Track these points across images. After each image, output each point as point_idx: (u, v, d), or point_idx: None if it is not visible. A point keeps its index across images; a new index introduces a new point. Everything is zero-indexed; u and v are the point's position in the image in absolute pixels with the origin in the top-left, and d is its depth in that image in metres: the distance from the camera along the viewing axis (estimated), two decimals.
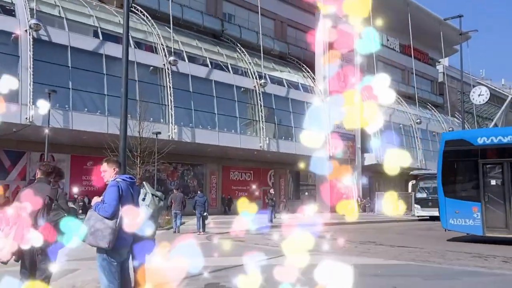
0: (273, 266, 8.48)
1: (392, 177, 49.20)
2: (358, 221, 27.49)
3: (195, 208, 17.94)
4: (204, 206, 17.80)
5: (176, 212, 17.86)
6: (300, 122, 37.50)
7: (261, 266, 8.46)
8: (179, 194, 18.62)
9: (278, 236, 16.72)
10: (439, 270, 8.14)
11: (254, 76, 34.04)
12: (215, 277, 7.73)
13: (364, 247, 13.17)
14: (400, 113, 47.38)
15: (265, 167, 39.62)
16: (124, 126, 10.28)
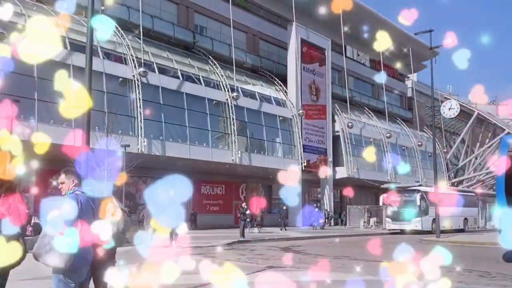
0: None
1: (363, 190, 49.66)
2: (330, 235, 27.27)
3: None
4: None
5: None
6: (273, 135, 37.38)
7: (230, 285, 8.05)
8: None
9: (249, 251, 16.34)
10: None
11: (226, 89, 33.73)
12: None
13: (339, 262, 12.89)
14: (371, 127, 47.77)
15: (237, 181, 39.17)
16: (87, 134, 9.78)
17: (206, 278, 8.39)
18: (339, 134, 43.29)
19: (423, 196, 32.23)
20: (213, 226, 32.38)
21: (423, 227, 31.47)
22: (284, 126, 38.25)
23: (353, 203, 45.90)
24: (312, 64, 41.60)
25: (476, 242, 20.81)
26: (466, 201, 38.71)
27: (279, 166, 36.78)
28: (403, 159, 50.90)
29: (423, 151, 54.11)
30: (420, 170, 52.34)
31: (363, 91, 52.61)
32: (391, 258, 13.42)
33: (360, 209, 42.00)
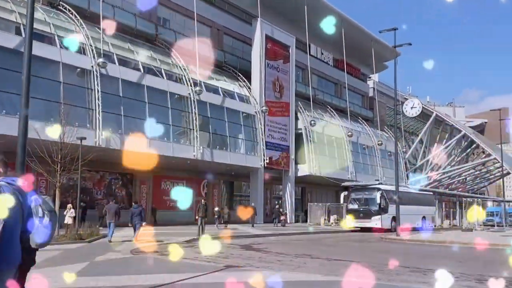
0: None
1: (324, 187, 49.97)
2: (291, 232, 27.12)
3: (132, 218, 18.25)
4: (140, 216, 18.22)
5: (110, 222, 17.99)
6: (236, 131, 36.97)
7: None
8: (113, 205, 19.00)
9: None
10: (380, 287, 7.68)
11: (189, 83, 33.08)
12: None
13: (301, 260, 12.62)
14: (333, 125, 48.03)
15: (198, 177, 38.60)
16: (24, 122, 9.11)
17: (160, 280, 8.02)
18: (301, 131, 43.30)
19: (383, 195, 32.55)
20: (173, 223, 31.77)
21: (382, 225, 31.78)
22: (247, 123, 37.91)
23: (314, 201, 46.11)
24: (276, 61, 41.41)
25: (436, 241, 21.03)
26: (424, 200, 39.50)
27: (242, 163, 36.56)
28: (364, 158, 51.51)
29: (383, 150, 54.93)
30: (379, 168, 53.10)
31: (326, 90, 52.88)
32: (354, 257, 13.31)
33: (321, 206, 42.14)
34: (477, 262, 13.51)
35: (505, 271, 10.47)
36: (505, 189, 59.63)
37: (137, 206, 19.19)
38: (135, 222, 18.15)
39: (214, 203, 39.95)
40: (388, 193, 32.90)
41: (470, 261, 13.49)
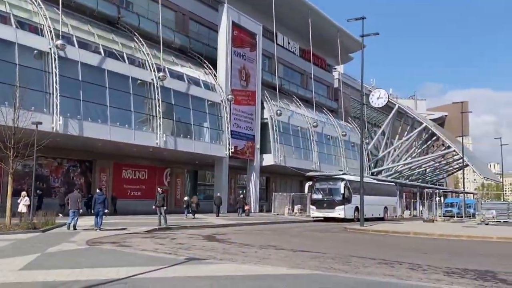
0: (154, 283, 7.17)
1: (288, 177, 49.92)
2: (255, 222, 26.79)
3: (94, 206, 18.24)
4: (103, 204, 18.27)
5: (74, 211, 17.96)
6: (200, 119, 36.26)
7: (135, 283, 7.10)
8: (76, 194, 18.96)
9: (169, 240, 15.35)
10: (351, 283, 7.32)
11: (152, 69, 32.09)
12: None
13: (265, 252, 12.22)
14: (298, 115, 47.91)
15: (161, 166, 37.77)
16: None
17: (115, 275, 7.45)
18: (267, 121, 42.94)
19: (347, 185, 32.63)
20: (134, 212, 30.96)
21: (346, 215, 31.89)
22: (212, 111, 37.23)
23: (279, 190, 45.98)
24: (243, 49, 40.78)
25: (400, 232, 21.08)
26: (386, 191, 39.93)
27: (206, 152, 35.92)
28: (328, 148, 51.71)
29: (346, 141, 55.30)
30: (343, 159, 53.46)
31: (292, 80, 52.64)
32: (319, 248, 13.02)
33: (285, 196, 42.02)
34: (442, 253, 13.46)
35: (471, 263, 10.37)
36: (464, 181, 60.99)
37: (101, 194, 19.03)
38: (98, 209, 18.02)
39: (177, 192, 39.30)
40: (352, 183, 33.01)
41: (435, 253, 13.42)
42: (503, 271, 9.54)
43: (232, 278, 7.42)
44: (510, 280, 8.50)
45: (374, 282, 7.38)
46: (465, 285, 7.93)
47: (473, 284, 8.08)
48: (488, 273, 9.27)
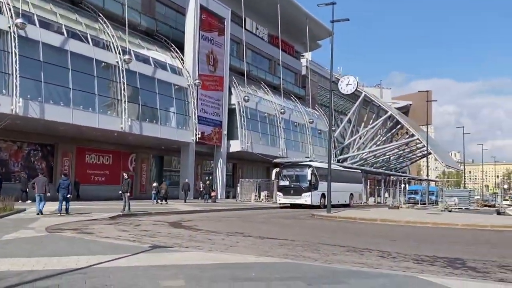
0: (115, 273, 6.80)
1: (255, 164, 49.78)
2: (222, 209, 26.52)
3: (59, 190, 18.19)
4: (67, 189, 18.25)
5: (40, 195, 17.88)
6: (167, 104, 35.56)
7: (95, 273, 6.72)
8: (42, 178, 18.74)
9: (133, 227, 14.92)
10: (320, 271, 7.13)
11: (118, 51, 31.17)
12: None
13: (232, 239, 11.95)
14: (266, 102, 47.68)
15: (126, 151, 36.96)
16: None
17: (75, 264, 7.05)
18: (235, 107, 42.54)
19: (314, 172, 32.67)
20: (98, 198, 30.20)
21: (312, 201, 31.98)
22: (179, 96, 36.55)
23: (245, 177, 45.79)
24: (211, 33, 40.10)
25: (367, 218, 21.18)
26: (352, 178, 40.28)
27: (172, 137, 35.32)
28: (295, 135, 51.76)
29: (313, 128, 55.46)
30: (310, 146, 53.66)
31: (260, 66, 52.26)
32: (287, 235, 12.85)
33: (252, 182, 41.87)
34: (410, 241, 13.51)
35: (440, 250, 10.39)
36: (428, 169, 62.28)
37: (66, 179, 18.99)
38: (63, 194, 18.03)
39: (143, 178, 38.61)
40: (319, 170, 33.07)
41: (404, 240, 13.45)
42: (471, 258, 9.57)
43: (199, 267, 7.12)
44: (479, 268, 8.50)
45: (345, 270, 7.20)
46: (436, 273, 7.86)
47: (443, 272, 8.03)
48: (457, 261, 9.27)
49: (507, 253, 10.38)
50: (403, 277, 6.93)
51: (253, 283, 6.12)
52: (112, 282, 6.00)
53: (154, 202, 28.77)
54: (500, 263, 9.14)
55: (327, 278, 6.59)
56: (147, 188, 38.52)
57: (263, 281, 6.27)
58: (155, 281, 6.12)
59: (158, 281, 6.11)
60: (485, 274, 7.93)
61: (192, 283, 6.01)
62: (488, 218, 24.02)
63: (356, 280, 6.46)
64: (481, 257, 9.83)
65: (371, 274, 7.07)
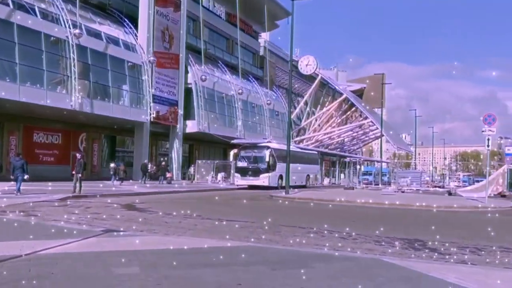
0: (63, 260, 6.27)
1: (212, 145, 49.21)
2: (178, 190, 25.94)
3: (13, 171, 18.17)
4: (22, 169, 18.15)
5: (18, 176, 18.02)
6: (120, 81, 34.35)
7: (41, 260, 6.16)
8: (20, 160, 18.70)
9: (84, 209, 14.22)
10: (284, 254, 6.82)
11: (68, 25, 29.71)
12: None
13: (190, 222, 11.49)
14: (224, 82, 46.97)
15: (76, 130, 35.59)
16: None
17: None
18: (191, 86, 41.65)
19: (272, 153, 32.50)
20: (47, 178, 28.88)
21: (270, 182, 31.87)
22: (133, 73, 35.37)
23: (202, 158, 45.19)
24: (166, 8, 38.82)
25: (325, 199, 21.14)
26: (309, 159, 40.42)
27: (125, 116, 34.23)
28: (253, 116, 51.40)
29: (271, 110, 55.24)
30: (267, 127, 53.46)
31: (218, 45, 51.25)
32: (247, 217, 12.50)
33: (209, 164, 41.34)
34: (369, 221, 13.48)
35: (398, 231, 10.32)
36: (382, 150, 63.56)
37: (19, 159, 18.85)
38: (17, 175, 17.95)
39: (94, 159, 37.39)
40: (277, 151, 32.93)
41: (362, 221, 13.40)
42: (431, 239, 9.53)
43: (155, 253, 6.65)
44: (440, 249, 8.44)
45: (309, 254, 6.93)
46: (398, 255, 7.73)
47: (405, 254, 7.91)
48: (417, 242, 9.20)
49: (464, 233, 10.46)
50: (368, 260, 6.73)
51: (213, 269, 5.72)
52: (59, 270, 5.47)
53: (113, 183, 28.11)
54: (460, 244, 9.14)
55: (291, 262, 6.29)
56: (98, 168, 37.38)
57: (225, 266, 5.89)
58: (107, 268, 5.63)
59: (111, 269, 5.62)
60: (446, 255, 7.87)
61: (147, 270, 5.56)
62: (441, 199, 24.58)
63: (321, 264, 6.19)
64: (440, 238, 9.81)
65: (335, 257, 6.82)
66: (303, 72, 42.45)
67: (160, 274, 5.37)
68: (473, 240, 9.54)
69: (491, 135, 19.77)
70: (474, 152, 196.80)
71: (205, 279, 5.21)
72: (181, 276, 5.35)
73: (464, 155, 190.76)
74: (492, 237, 10.27)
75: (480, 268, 6.47)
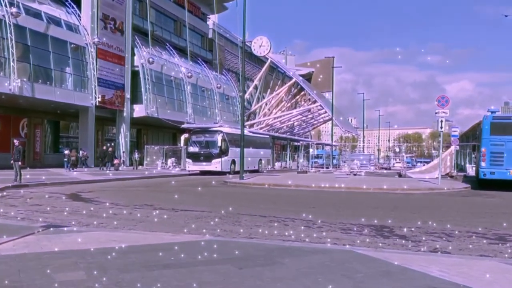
0: None
1: (161, 130, 47.84)
2: (127, 177, 24.81)
3: None
4: None
5: None
6: (62, 64, 32.50)
7: None
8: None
9: (23, 200, 13.09)
10: (249, 249, 6.16)
11: (4, 3, 27.66)
12: None
13: (141, 213, 10.65)
14: (172, 65, 45.57)
15: (16, 115, 33.47)
16: None
17: None
18: (138, 69, 40.10)
19: (224, 137, 31.81)
20: None
21: (222, 168, 31.23)
22: (76, 55, 33.59)
23: (151, 143, 43.86)
24: None
25: (281, 184, 20.70)
26: (261, 143, 39.99)
27: (69, 100, 32.52)
28: (202, 100, 50.32)
29: (221, 94, 54.30)
30: (218, 111, 52.56)
31: (165, 26, 49.59)
32: (202, 205, 11.80)
33: (158, 149, 40.11)
34: (330, 207, 13.09)
35: (362, 217, 9.95)
36: (332, 134, 64.05)
37: None
38: None
39: (36, 145, 35.42)
40: (229, 135, 32.26)
41: (323, 207, 12.99)
42: (396, 225, 9.21)
43: (104, 252, 5.87)
44: (408, 236, 8.10)
45: (276, 247, 6.34)
46: (368, 243, 7.31)
47: (375, 242, 7.50)
48: (384, 229, 8.83)
49: (427, 217, 10.22)
50: (341, 252, 6.22)
51: (174, 271, 5.03)
52: None
53: (67, 171, 27.18)
54: (426, 229, 8.85)
55: (258, 258, 5.68)
56: (41, 155, 35.49)
57: (185, 267, 5.20)
58: (47, 274, 4.82)
59: (52, 274, 4.81)
60: (417, 243, 7.52)
61: (96, 275, 4.80)
62: (394, 181, 24.68)
63: (292, 259, 5.62)
64: (405, 223, 9.52)
65: (305, 250, 6.28)
66: (256, 54, 41.67)
67: (111, 280, 4.63)
68: (439, 224, 9.29)
69: (444, 116, 19.90)
70: (416, 134, 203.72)
71: (166, 283, 4.52)
72: (136, 280, 4.64)
73: (406, 137, 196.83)
74: (456, 221, 10.10)
75: (460, 258, 6.11)
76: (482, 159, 19.15)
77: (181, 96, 46.19)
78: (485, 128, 19.33)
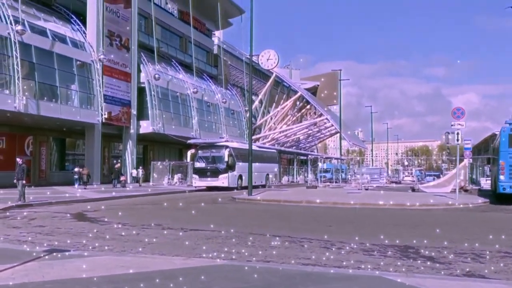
0: None
1: (167, 145, 47.48)
2: (134, 195, 24.34)
3: None
4: None
5: None
6: (68, 81, 32.30)
7: None
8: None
9: (27, 221, 12.63)
10: (267, 275, 5.65)
11: (9, 21, 27.55)
12: None
13: (149, 233, 10.14)
14: (178, 81, 45.38)
15: (22, 133, 33.21)
16: None
17: None
18: (144, 86, 39.89)
19: (231, 152, 31.35)
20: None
21: (230, 183, 30.72)
22: (82, 72, 33.35)
23: (157, 159, 43.48)
24: (116, 5, 36.91)
25: (292, 201, 20.13)
26: (268, 158, 39.49)
27: (75, 118, 32.25)
28: (208, 115, 50.04)
29: (227, 108, 54.02)
30: (223, 127, 52.21)
31: (171, 43, 49.58)
32: (213, 224, 11.28)
33: (165, 165, 39.70)
34: (346, 225, 12.54)
35: (384, 236, 9.40)
36: (341, 148, 63.50)
37: None
38: None
39: (42, 163, 35.10)
40: (235, 150, 31.81)
41: (340, 225, 12.41)
42: (422, 245, 8.67)
43: (110, 280, 5.39)
44: (437, 257, 7.57)
45: (297, 273, 5.82)
46: (394, 266, 6.78)
47: (402, 265, 6.97)
48: (409, 249, 8.30)
49: (452, 235, 9.68)
50: (368, 278, 5.71)
51: None
52: None
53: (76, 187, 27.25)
54: (454, 249, 8.31)
55: (278, 286, 5.18)
56: (46, 173, 35.16)
57: None
58: None
59: None
60: (447, 265, 6.98)
61: None
62: (408, 196, 23.89)
63: (316, 287, 5.12)
64: (431, 242, 8.97)
65: (329, 276, 5.77)
66: (264, 67, 41.33)
67: None
68: (465, 243, 8.75)
69: (461, 129, 19.37)
70: (424, 147, 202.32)
71: None
72: None
73: (414, 150, 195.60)
74: (482, 239, 9.53)
75: (500, 284, 5.59)
76: (500, 172, 18.52)
77: (187, 111, 45.91)
78: (503, 140, 18.75)
